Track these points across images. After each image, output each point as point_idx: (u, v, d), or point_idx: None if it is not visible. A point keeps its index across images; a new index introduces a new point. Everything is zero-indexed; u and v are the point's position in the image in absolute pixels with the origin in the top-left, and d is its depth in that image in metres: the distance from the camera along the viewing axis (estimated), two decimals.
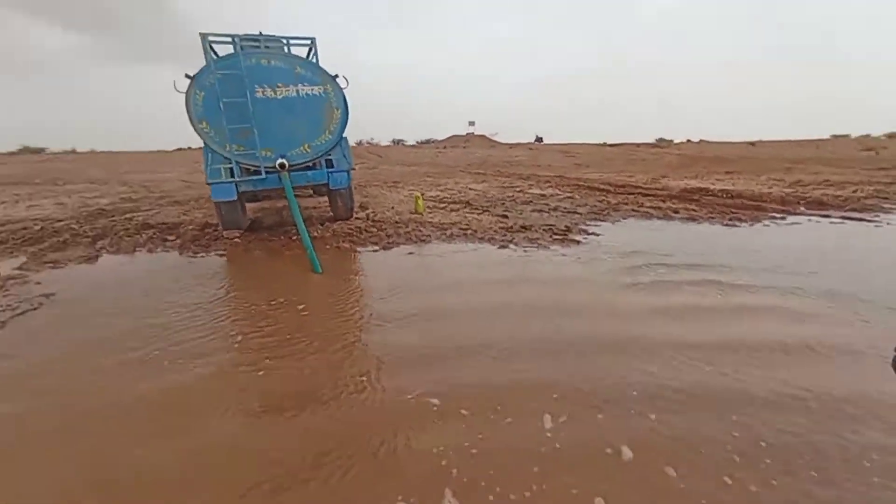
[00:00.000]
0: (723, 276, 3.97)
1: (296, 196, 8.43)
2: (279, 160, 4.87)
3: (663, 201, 8.79)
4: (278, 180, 4.91)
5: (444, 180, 13.19)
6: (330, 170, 5.84)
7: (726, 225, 6.61)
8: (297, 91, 5.32)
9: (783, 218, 7.17)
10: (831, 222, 6.80)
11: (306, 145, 5.45)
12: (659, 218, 7.15)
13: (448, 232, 5.79)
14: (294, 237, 5.52)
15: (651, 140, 43.94)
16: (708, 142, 39.82)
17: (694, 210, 7.84)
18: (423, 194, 9.54)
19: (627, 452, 1.75)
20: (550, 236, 5.57)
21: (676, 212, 7.65)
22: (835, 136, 42.21)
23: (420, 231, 5.87)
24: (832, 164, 18.15)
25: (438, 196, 9.42)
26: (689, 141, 39.75)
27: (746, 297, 3.42)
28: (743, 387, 2.17)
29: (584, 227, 6.28)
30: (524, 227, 6.00)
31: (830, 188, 10.91)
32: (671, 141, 43.56)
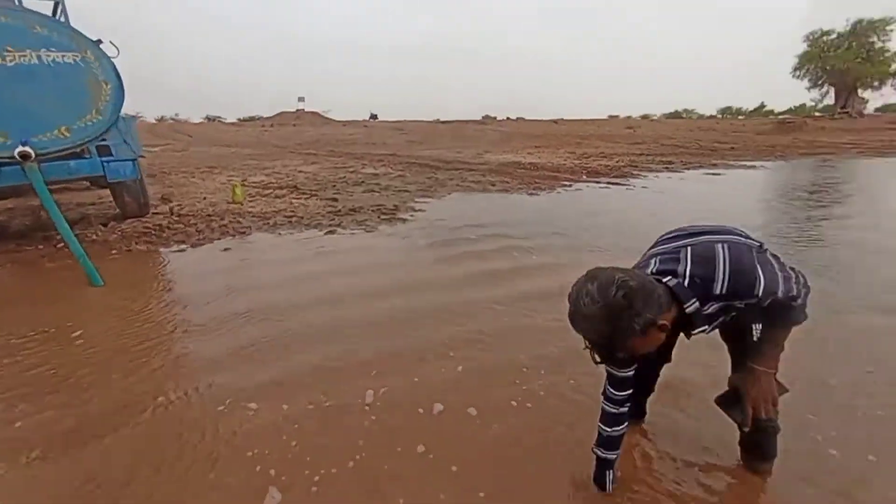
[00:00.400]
0: (516, 235, 4.69)
1: (66, 190, 6.70)
2: (19, 148, 3.75)
3: (483, 175, 9.80)
4: (22, 174, 3.80)
5: (271, 163, 12.13)
6: (105, 158, 4.77)
7: (530, 194, 7.76)
8: (40, 58, 4.12)
9: (571, 185, 8.76)
10: (602, 187, 8.60)
11: (63, 128, 4.30)
12: (479, 191, 7.97)
13: (271, 221, 5.40)
14: (60, 243, 4.42)
15: (478, 117, 48.00)
16: (524, 119, 45.47)
17: (507, 182, 8.96)
18: (244, 180, 8.62)
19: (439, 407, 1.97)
20: (378, 217, 5.70)
21: (493, 185, 8.64)
22: (610, 116, 52.84)
23: (239, 223, 5.34)
24: (607, 139, 22.76)
25: (263, 181, 8.65)
26: (508, 118, 44.65)
27: (530, 255, 4.13)
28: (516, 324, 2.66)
29: (412, 204, 6.60)
30: (353, 210, 5.99)
31: (604, 159, 13.72)
32: (495, 118, 48.37)
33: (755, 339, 1.30)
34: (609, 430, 1.39)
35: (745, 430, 1.37)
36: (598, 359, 1.11)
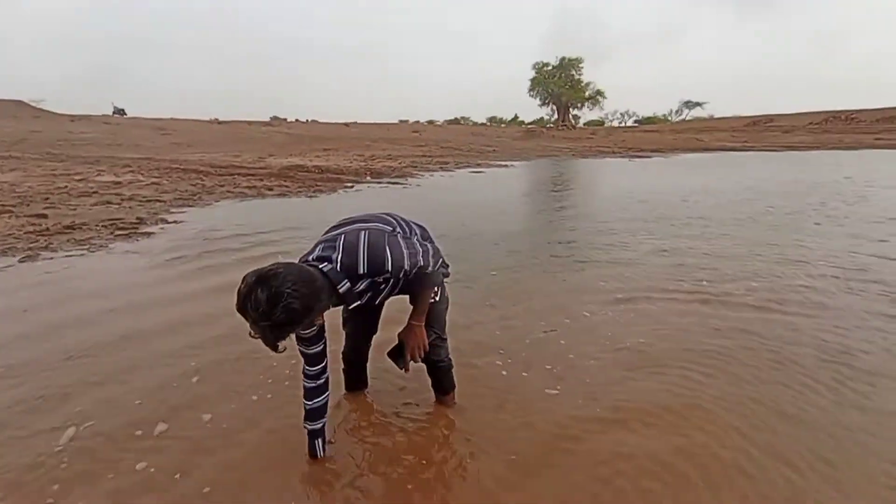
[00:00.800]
0: (278, 239, 4.59)
1: None
2: None
3: (261, 180, 9.12)
4: None
5: None
6: None
7: (310, 196, 7.63)
8: None
9: (353, 186, 8.99)
10: (382, 187, 9.12)
11: None
12: (253, 197, 7.38)
13: None
14: None
15: (265, 118, 44.29)
16: (317, 122, 44.18)
17: (287, 186, 8.57)
18: None
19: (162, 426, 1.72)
20: (112, 233, 4.66)
21: (271, 189, 8.14)
22: (401, 121, 56.27)
23: None
24: (395, 142, 24.22)
25: None
26: (297, 120, 42.69)
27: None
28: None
29: (164, 216, 5.63)
30: (71, 227, 4.73)
31: (389, 161, 14.58)
32: (285, 119, 45.50)
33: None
34: (311, 403, 1.49)
35: (405, 372, 1.65)
36: (254, 333, 1.17)
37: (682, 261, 3.94)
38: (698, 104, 58.17)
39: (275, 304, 1.10)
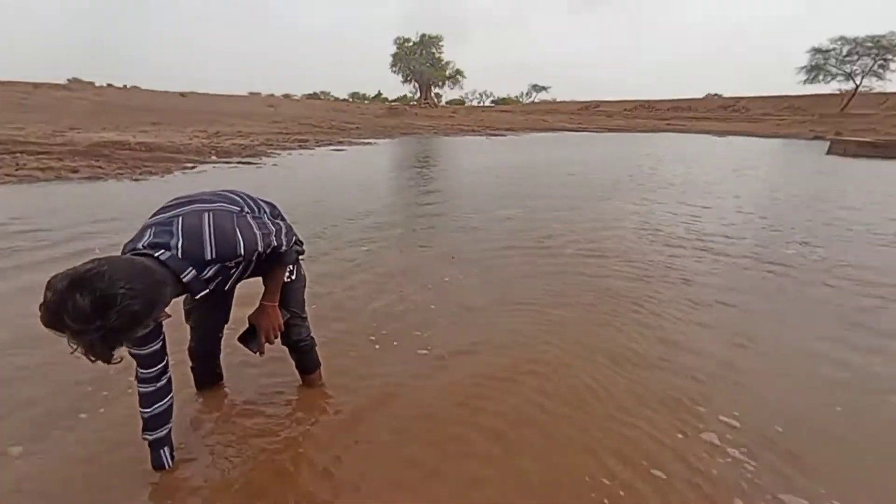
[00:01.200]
0: (88, 230, 3.77)
1: None
2: None
3: (60, 160, 7.28)
4: None
5: None
6: None
7: (135, 180, 6.38)
8: None
9: (194, 167, 7.80)
10: (231, 167, 8.11)
11: None
12: (48, 180, 5.87)
13: None
14: None
15: (62, 81, 35.05)
16: (140, 88, 36.72)
17: (100, 167, 7.02)
18: None
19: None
20: None
21: (76, 171, 6.57)
22: (252, 93, 50.27)
23: None
24: (246, 117, 21.62)
25: None
26: (110, 85, 34.95)
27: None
28: None
29: None
30: None
31: (239, 138, 12.98)
32: (91, 83, 36.71)
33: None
34: (150, 410, 1.28)
35: (260, 355, 1.54)
36: (74, 347, 0.94)
37: (526, 221, 4.56)
38: (544, 88, 65.09)
39: (105, 310, 0.90)
